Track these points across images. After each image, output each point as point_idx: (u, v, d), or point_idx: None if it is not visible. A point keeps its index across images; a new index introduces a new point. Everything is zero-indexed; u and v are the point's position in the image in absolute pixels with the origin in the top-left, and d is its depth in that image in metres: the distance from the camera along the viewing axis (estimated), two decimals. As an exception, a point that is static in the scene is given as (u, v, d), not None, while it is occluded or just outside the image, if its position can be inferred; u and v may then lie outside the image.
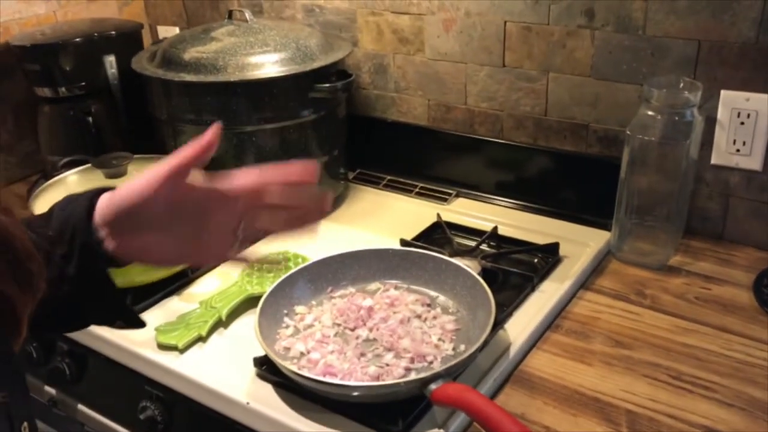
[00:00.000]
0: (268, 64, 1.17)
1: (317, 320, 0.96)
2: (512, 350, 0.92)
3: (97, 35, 1.40)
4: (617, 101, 1.19)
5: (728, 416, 0.82)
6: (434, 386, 0.78)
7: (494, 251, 1.16)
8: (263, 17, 1.53)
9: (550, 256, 1.13)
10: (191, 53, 1.19)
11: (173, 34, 1.62)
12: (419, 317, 0.96)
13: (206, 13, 1.65)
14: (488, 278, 0.99)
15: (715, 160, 1.14)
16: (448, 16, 1.31)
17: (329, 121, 1.27)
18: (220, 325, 1.00)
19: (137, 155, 1.18)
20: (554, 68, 1.24)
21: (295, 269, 1.01)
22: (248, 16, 1.26)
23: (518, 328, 0.96)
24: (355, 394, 0.81)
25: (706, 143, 1.13)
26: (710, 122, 1.12)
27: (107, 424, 1.08)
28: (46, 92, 1.40)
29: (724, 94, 1.10)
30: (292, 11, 1.50)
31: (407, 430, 0.80)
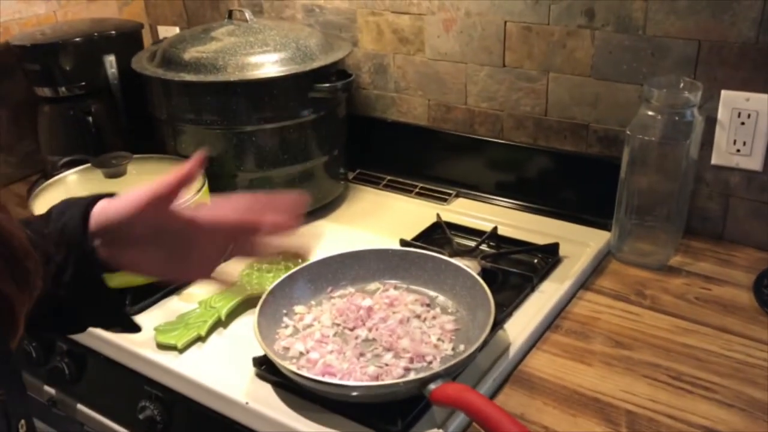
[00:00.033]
0: (268, 63, 1.17)
1: (316, 320, 0.96)
2: (512, 350, 0.92)
3: (97, 35, 1.40)
4: (617, 101, 1.19)
5: (728, 417, 0.82)
6: (433, 386, 0.77)
7: (494, 251, 1.16)
8: (263, 17, 1.53)
9: (549, 256, 1.13)
10: (191, 53, 1.19)
11: (173, 34, 1.62)
12: (419, 317, 0.95)
13: (206, 13, 1.65)
14: (488, 278, 0.99)
15: (715, 160, 1.14)
16: (448, 16, 1.30)
17: (329, 121, 1.27)
18: (219, 324, 1.00)
19: (137, 155, 1.18)
20: (554, 68, 1.23)
21: (294, 269, 1.01)
22: (248, 15, 1.26)
23: (518, 328, 0.96)
24: (354, 394, 0.81)
25: (706, 143, 1.13)
26: (710, 122, 1.12)
27: (107, 423, 1.08)
28: (46, 92, 1.40)
29: (724, 94, 1.10)
30: (292, 11, 1.50)
31: (406, 430, 0.80)
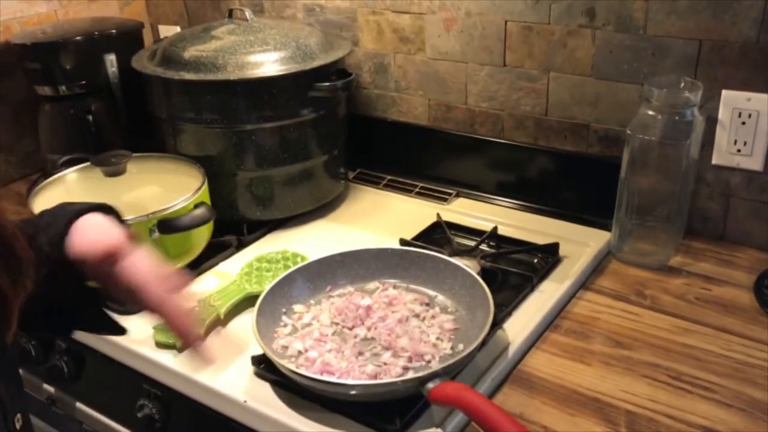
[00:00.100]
0: (267, 62, 1.17)
1: (315, 319, 0.96)
2: (511, 350, 0.92)
3: (97, 34, 1.40)
4: (618, 101, 1.19)
5: (728, 417, 0.82)
6: (432, 385, 0.77)
7: (494, 251, 1.16)
8: (264, 16, 1.52)
9: (549, 256, 1.12)
10: (191, 52, 1.18)
11: (174, 33, 1.62)
12: (418, 316, 0.95)
13: (207, 12, 1.65)
14: (488, 278, 0.98)
15: (716, 160, 1.14)
16: (448, 15, 1.30)
17: (329, 120, 1.26)
18: (218, 323, 1.00)
19: (136, 154, 1.18)
20: (555, 68, 1.23)
21: (294, 268, 1.01)
22: (248, 15, 1.26)
23: (517, 327, 0.96)
24: (352, 392, 0.81)
25: (707, 143, 1.13)
26: (711, 122, 1.12)
27: (105, 422, 1.08)
28: (46, 91, 1.40)
29: (725, 94, 1.09)
30: (292, 10, 1.50)
31: (405, 429, 0.80)
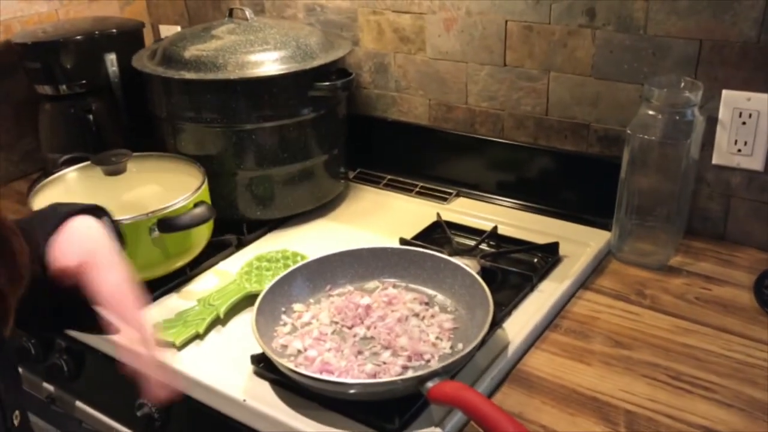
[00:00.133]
0: (268, 62, 1.17)
1: (315, 318, 0.96)
2: (510, 349, 0.92)
3: (98, 33, 1.40)
4: (618, 101, 1.19)
5: (727, 417, 0.82)
6: (431, 384, 0.77)
7: (494, 251, 1.16)
8: (265, 16, 1.53)
9: (549, 255, 1.12)
10: (191, 51, 1.18)
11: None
12: (417, 316, 0.95)
13: (208, 12, 1.65)
14: (487, 278, 0.98)
15: (716, 160, 1.14)
16: (449, 15, 1.30)
17: (329, 119, 1.26)
18: (218, 322, 1.00)
19: (136, 153, 1.18)
20: (555, 68, 1.23)
21: (293, 267, 1.01)
22: (249, 14, 1.26)
23: (517, 327, 0.96)
24: (351, 391, 0.81)
25: (707, 143, 1.13)
26: (711, 122, 1.11)
27: (105, 421, 1.08)
28: (46, 90, 1.40)
29: (725, 93, 1.09)
30: (293, 10, 1.50)
31: (404, 428, 0.80)
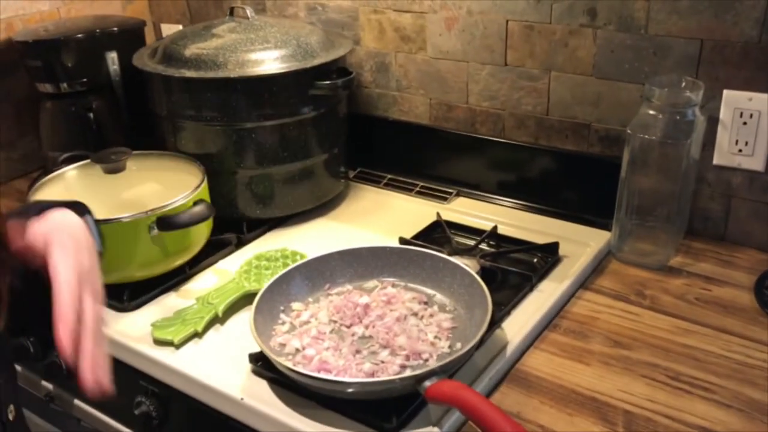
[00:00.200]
0: (268, 60, 1.17)
1: (313, 317, 0.96)
2: (509, 349, 0.92)
3: (99, 32, 1.40)
4: (619, 101, 1.19)
5: (726, 417, 0.81)
6: (429, 383, 0.77)
7: (493, 250, 1.16)
8: (266, 15, 1.52)
9: (549, 255, 1.12)
10: (192, 49, 1.18)
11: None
12: (416, 315, 0.95)
13: (210, 11, 1.65)
14: (487, 277, 0.98)
15: (717, 160, 1.13)
16: (450, 14, 1.30)
17: (329, 118, 1.26)
18: (216, 321, 1.00)
19: (136, 151, 1.18)
20: (556, 67, 1.23)
21: (292, 266, 1.00)
22: (249, 13, 1.26)
23: (516, 327, 0.96)
24: (349, 390, 0.80)
25: (708, 143, 1.13)
26: (713, 122, 1.11)
27: (103, 419, 1.08)
28: (47, 88, 1.40)
29: (726, 93, 1.09)
30: (294, 9, 1.50)
31: (401, 427, 0.79)
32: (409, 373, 0.83)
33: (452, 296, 0.98)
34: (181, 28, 1.70)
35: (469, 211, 1.29)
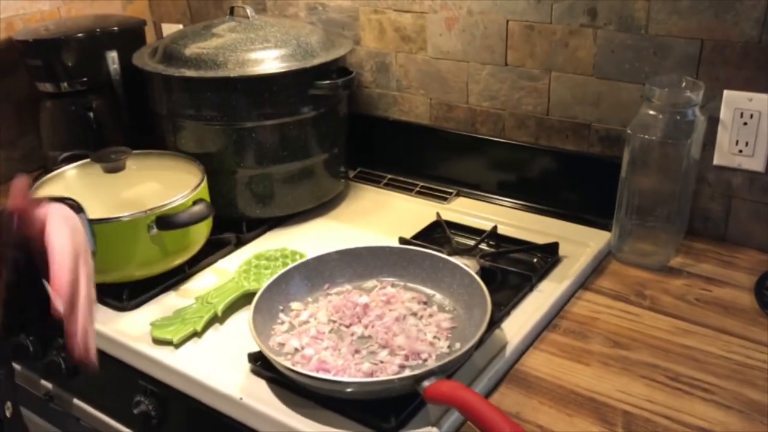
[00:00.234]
0: (268, 60, 1.17)
1: (312, 317, 0.96)
2: (508, 349, 0.91)
3: (99, 31, 1.40)
4: (620, 101, 1.19)
5: (725, 418, 0.81)
6: (427, 383, 0.77)
7: (493, 250, 1.16)
8: (266, 15, 1.52)
9: (549, 255, 1.12)
10: (192, 49, 1.18)
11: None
12: (415, 315, 0.95)
13: (210, 11, 1.65)
14: (487, 277, 0.98)
15: (717, 160, 1.13)
16: (450, 14, 1.30)
17: (330, 118, 1.26)
18: (215, 320, 1.00)
19: (136, 150, 1.18)
20: (556, 67, 1.23)
21: (292, 265, 1.00)
22: (250, 12, 1.26)
23: (515, 327, 0.96)
24: (348, 390, 0.80)
25: (708, 144, 1.12)
26: (713, 122, 1.11)
27: (102, 419, 1.08)
28: (48, 87, 1.40)
29: (726, 94, 1.09)
30: (295, 9, 1.50)
31: (400, 427, 0.79)
32: (407, 373, 0.83)
33: (452, 296, 0.98)
34: (181, 27, 1.70)
35: (469, 211, 1.29)
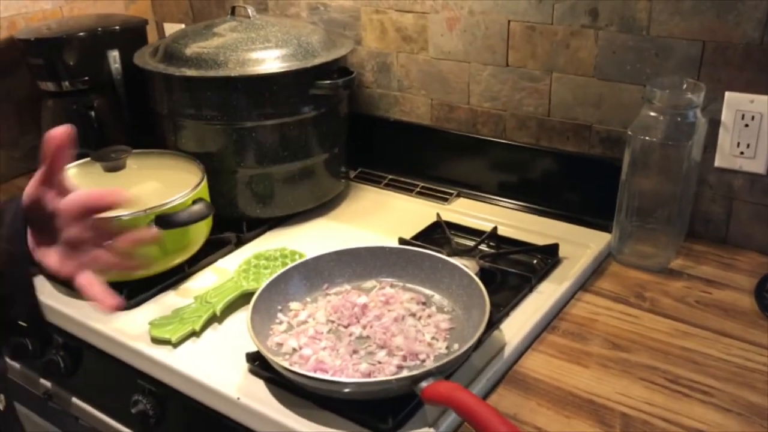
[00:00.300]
0: (269, 59, 1.16)
1: (311, 317, 0.95)
2: (507, 350, 0.91)
3: (101, 30, 1.40)
4: (621, 102, 1.18)
5: (724, 421, 0.81)
6: (425, 384, 0.77)
7: (493, 251, 1.15)
8: (268, 14, 1.52)
9: (549, 257, 1.12)
10: (193, 48, 1.18)
11: (178, 30, 1.62)
12: (414, 315, 0.95)
13: (212, 10, 1.65)
14: (486, 278, 0.98)
15: (718, 162, 1.13)
16: (451, 14, 1.30)
17: (330, 118, 1.26)
18: (214, 320, 1.00)
19: (137, 150, 1.18)
20: (558, 68, 1.23)
21: (291, 265, 1.00)
22: (251, 12, 1.26)
23: (514, 328, 0.95)
24: (345, 390, 0.80)
25: (710, 145, 1.12)
26: (714, 124, 1.11)
27: (101, 418, 1.08)
28: (49, 86, 1.40)
29: (728, 95, 1.08)
30: (296, 9, 1.50)
31: (397, 428, 0.79)
32: (405, 373, 0.83)
33: (450, 297, 0.97)
34: (183, 27, 1.70)
35: (469, 211, 1.29)
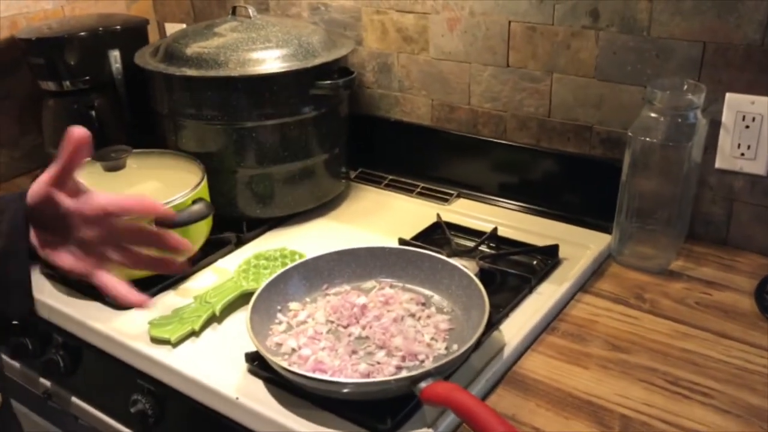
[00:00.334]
0: (269, 59, 1.16)
1: (310, 317, 0.95)
2: (506, 351, 0.91)
3: (102, 30, 1.40)
4: (621, 103, 1.18)
5: (724, 423, 0.81)
6: (424, 384, 0.77)
7: (493, 252, 1.15)
8: (269, 14, 1.52)
9: (549, 258, 1.11)
10: (193, 48, 1.18)
11: (179, 30, 1.62)
12: (413, 316, 0.94)
13: (213, 10, 1.65)
14: (486, 279, 0.98)
15: (719, 163, 1.13)
16: (452, 15, 1.30)
17: (330, 118, 1.26)
18: (214, 320, 1.00)
19: (137, 149, 1.18)
20: (558, 69, 1.22)
21: (290, 265, 1.00)
22: (252, 12, 1.26)
23: (514, 329, 0.95)
24: (344, 390, 0.80)
25: (710, 147, 1.12)
26: (715, 125, 1.10)
27: (100, 417, 1.08)
28: (50, 86, 1.40)
29: (729, 96, 1.08)
30: (297, 9, 1.50)
31: (396, 428, 0.79)
32: (404, 374, 0.83)
33: (450, 297, 0.97)
34: (185, 27, 1.70)
35: (469, 212, 1.29)
